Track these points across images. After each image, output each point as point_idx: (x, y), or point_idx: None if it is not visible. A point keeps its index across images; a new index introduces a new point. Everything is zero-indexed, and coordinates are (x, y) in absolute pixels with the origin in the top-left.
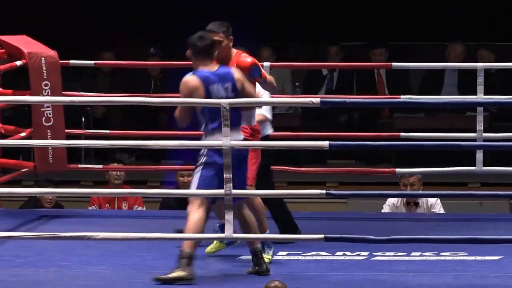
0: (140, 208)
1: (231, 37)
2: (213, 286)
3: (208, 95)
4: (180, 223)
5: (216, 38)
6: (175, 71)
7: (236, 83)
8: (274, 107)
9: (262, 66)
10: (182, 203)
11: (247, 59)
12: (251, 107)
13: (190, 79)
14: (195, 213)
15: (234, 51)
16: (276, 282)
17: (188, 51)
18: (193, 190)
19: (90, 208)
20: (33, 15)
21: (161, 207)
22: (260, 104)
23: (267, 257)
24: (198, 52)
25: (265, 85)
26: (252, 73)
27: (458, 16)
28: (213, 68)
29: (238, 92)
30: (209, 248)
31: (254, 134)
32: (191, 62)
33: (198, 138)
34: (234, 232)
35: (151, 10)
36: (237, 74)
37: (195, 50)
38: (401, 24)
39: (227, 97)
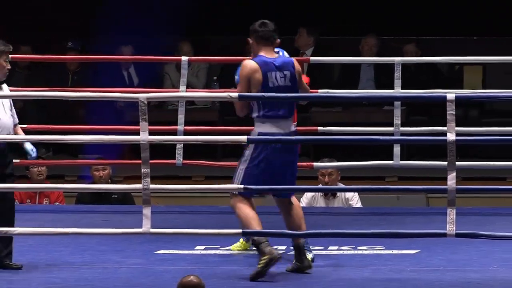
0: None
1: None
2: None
3: (265, 80)
4: (96, 217)
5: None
6: (93, 65)
7: (296, 73)
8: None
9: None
10: (97, 197)
11: None
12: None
13: (250, 62)
14: (243, 207)
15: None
16: (192, 277)
17: (249, 39)
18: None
19: None
20: None
21: (77, 201)
22: (177, 99)
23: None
24: (260, 37)
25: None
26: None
27: (372, 10)
28: (273, 55)
29: (296, 82)
30: (234, 246)
31: None
32: (108, 56)
33: (114, 132)
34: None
35: (69, 3)
36: (297, 65)
37: (257, 36)
38: (325, 19)
39: (284, 86)
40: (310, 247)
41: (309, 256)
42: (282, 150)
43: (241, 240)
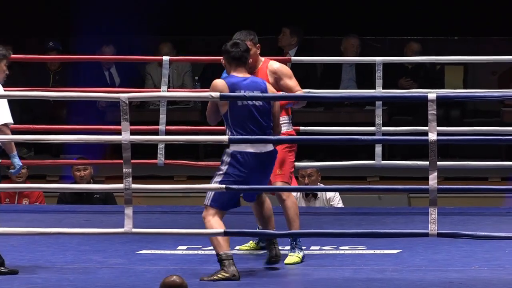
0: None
1: (258, 44)
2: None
3: (233, 102)
4: (77, 217)
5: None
6: (74, 65)
7: (268, 91)
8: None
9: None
10: (79, 197)
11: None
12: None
13: (219, 82)
14: (213, 221)
15: (262, 59)
16: (174, 277)
17: (222, 58)
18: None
19: None
20: None
21: (58, 201)
22: (158, 99)
23: (297, 256)
24: (231, 58)
25: None
26: None
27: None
28: (245, 75)
29: (268, 102)
30: (243, 246)
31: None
32: (89, 56)
33: (96, 132)
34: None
35: (49, 3)
36: (269, 86)
37: (229, 57)
38: (305, 19)
39: (254, 105)
40: (303, 247)
41: (300, 254)
42: (259, 167)
43: (251, 241)
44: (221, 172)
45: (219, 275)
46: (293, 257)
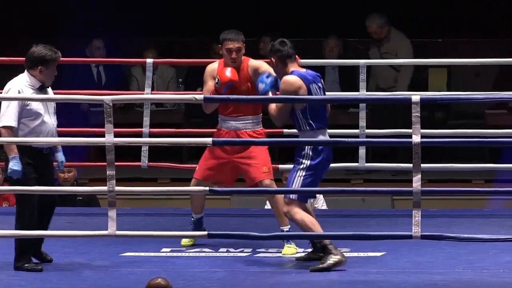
0: None
1: (244, 44)
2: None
3: (309, 93)
4: (61, 220)
5: (237, 45)
6: (61, 68)
7: (324, 84)
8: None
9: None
10: (62, 200)
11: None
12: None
13: (293, 78)
14: (303, 214)
15: (242, 57)
16: (160, 279)
17: (273, 59)
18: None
19: None
20: None
21: None
22: (142, 101)
23: (294, 247)
24: (285, 56)
25: None
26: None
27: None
28: (302, 69)
29: (324, 92)
30: (184, 241)
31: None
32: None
33: (80, 134)
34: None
35: (32, 4)
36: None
37: (282, 55)
38: (286, 22)
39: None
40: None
41: (295, 246)
42: (329, 160)
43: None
44: (303, 166)
45: (331, 260)
46: (290, 248)
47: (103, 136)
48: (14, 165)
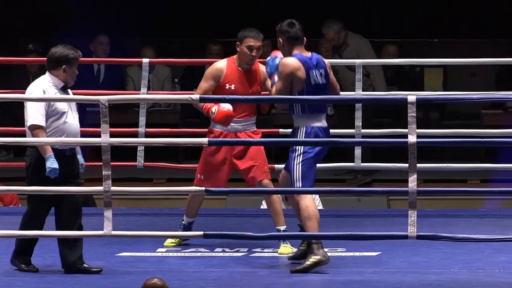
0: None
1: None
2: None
3: (307, 78)
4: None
5: (259, 44)
6: None
7: (328, 70)
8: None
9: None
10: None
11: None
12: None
13: (291, 59)
14: (310, 202)
15: None
16: (155, 279)
17: (280, 39)
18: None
19: None
20: None
21: None
22: (138, 101)
23: (290, 246)
24: (292, 38)
25: None
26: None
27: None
28: (307, 53)
29: (328, 79)
30: (168, 242)
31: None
32: None
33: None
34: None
35: (29, 5)
36: (327, 61)
37: (289, 37)
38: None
39: (321, 84)
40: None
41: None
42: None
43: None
44: (298, 153)
45: (309, 261)
46: (286, 248)
47: (99, 136)
48: (52, 163)
